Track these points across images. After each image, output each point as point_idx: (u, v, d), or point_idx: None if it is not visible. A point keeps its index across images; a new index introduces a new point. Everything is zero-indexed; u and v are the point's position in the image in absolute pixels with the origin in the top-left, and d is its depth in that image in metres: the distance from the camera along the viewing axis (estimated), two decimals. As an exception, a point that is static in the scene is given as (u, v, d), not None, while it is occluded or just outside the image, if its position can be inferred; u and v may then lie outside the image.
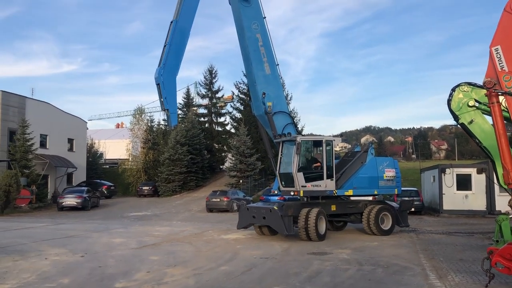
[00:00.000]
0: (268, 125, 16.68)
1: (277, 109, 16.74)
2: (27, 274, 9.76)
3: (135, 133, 49.86)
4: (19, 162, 31.74)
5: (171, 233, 17.64)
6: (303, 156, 15.87)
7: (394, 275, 9.51)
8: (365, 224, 16.21)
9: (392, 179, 16.86)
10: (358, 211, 16.52)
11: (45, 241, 15.20)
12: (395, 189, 17.14)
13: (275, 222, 14.78)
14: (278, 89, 17.25)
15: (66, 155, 41.28)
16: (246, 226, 16.47)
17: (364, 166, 16.42)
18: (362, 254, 12.29)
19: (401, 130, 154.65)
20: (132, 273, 9.85)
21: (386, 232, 16.16)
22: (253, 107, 17.50)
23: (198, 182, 43.65)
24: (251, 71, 16.91)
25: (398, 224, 16.84)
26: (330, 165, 15.75)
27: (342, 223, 17.96)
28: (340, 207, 16.41)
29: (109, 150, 60.55)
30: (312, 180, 15.46)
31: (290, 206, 14.78)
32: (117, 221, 23.79)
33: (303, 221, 14.51)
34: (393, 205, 17.13)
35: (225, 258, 11.73)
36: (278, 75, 17.43)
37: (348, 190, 16.08)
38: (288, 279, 9.14)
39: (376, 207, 16.19)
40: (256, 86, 16.70)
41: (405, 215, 17.25)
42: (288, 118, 17.28)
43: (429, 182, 29.51)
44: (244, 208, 16.42)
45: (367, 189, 16.46)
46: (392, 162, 17.33)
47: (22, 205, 28.91)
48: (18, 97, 36.00)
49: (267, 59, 16.96)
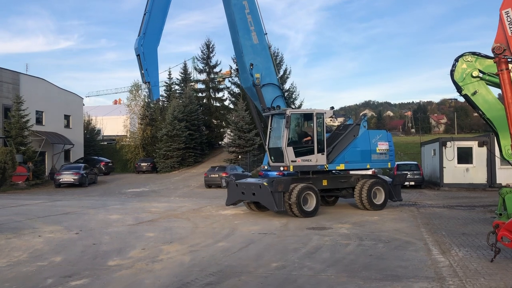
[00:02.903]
0: (257, 98, 16.00)
1: (266, 81, 16.06)
2: (19, 252, 9.51)
3: (132, 109, 49.33)
4: (15, 139, 31.32)
5: (169, 209, 17.40)
6: (293, 130, 15.25)
7: (396, 250, 9.26)
8: (357, 199, 15.81)
9: (385, 153, 16.36)
10: (350, 185, 16.08)
11: (40, 218, 14.95)
12: (388, 163, 16.63)
13: (265, 198, 14.29)
14: (267, 59, 16.42)
15: (63, 131, 40.81)
16: (235, 202, 16.03)
17: (356, 140, 15.86)
18: (362, 229, 12.06)
19: (400, 104, 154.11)
20: (126, 250, 9.60)
21: (378, 207, 15.80)
22: (240, 79, 16.87)
23: (196, 158, 43.36)
24: (237, 40, 16.06)
25: (391, 199, 16.46)
26: (321, 138, 15.20)
27: (334, 198, 17.56)
28: (331, 182, 15.95)
29: (106, 127, 60.08)
30: (303, 154, 14.94)
31: (280, 182, 14.24)
32: (115, 197, 23.57)
33: (287, 197, 14.07)
34: (386, 179, 16.74)
35: (223, 234, 11.49)
36: (267, 45, 16.60)
37: (339, 165, 15.54)
38: (287, 255, 8.88)
39: (368, 182, 15.77)
40: (243, 56, 15.92)
41: (398, 189, 16.83)
42: (277, 91, 16.58)
43: (429, 155, 29.24)
44: (233, 184, 15.81)
45: (359, 163, 15.95)
46: (385, 135, 16.74)
47: (18, 182, 28.65)
48: (11, 72, 35.29)
49: (255, 27, 16.10)
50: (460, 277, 7.11)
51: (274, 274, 7.47)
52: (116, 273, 7.64)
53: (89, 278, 7.26)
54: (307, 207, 14.36)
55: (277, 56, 45.61)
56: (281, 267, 7.93)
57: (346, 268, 7.84)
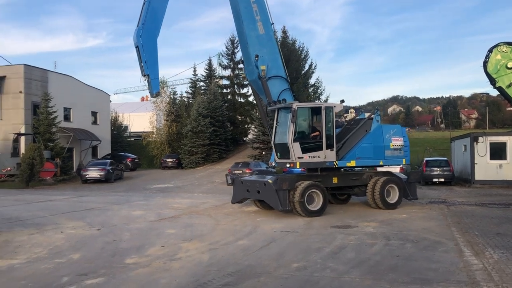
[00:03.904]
0: (263, 92, 15.23)
1: (272, 73, 15.22)
2: (39, 248, 9.48)
3: (158, 106, 49.62)
4: (43, 135, 31.85)
5: (192, 206, 17.26)
6: (300, 124, 14.51)
7: (425, 251, 8.77)
8: (369, 197, 15.01)
9: (400, 148, 15.47)
10: (362, 183, 15.26)
11: (64, 214, 15.04)
12: (403, 159, 15.72)
13: (270, 197, 13.65)
14: (273, 51, 15.55)
15: (91, 128, 41.40)
16: (241, 200, 15.60)
17: (369, 135, 15.05)
18: (389, 228, 11.57)
19: (429, 99, 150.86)
20: (145, 247, 9.44)
21: (392, 206, 14.96)
22: (246, 72, 15.98)
23: (221, 154, 43.30)
24: (242, 31, 15.26)
25: (406, 197, 15.64)
26: (330, 134, 14.41)
27: (346, 196, 16.72)
28: (342, 179, 15.12)
29: (133, 123, 60.79)
30: (310, 150, 14.20)
31: (284, 179, 13.64)
32: (139, 193, 23.64)
33: (292, 195, 13.45)
34: (401, 177, 15.96)
35: (244, 232, 11.22)
36: (274, 35, 15.76)
37: (350, 161, 14.78)
38: (309, 255, 8.53)
39: (381, 179, 14.97)
40: (248, 47, 15.10)
41: (413, 187, 16.00)
42: (284, 83, 15.65)
43: (459, 151, 28.23)
44: (238, 182, 15.34)
45: (371, 159, 15.12)
46: (400, 130, 15.85)
47: (46, 178, 29.10)
48: (40, 70, 35.91)
49: (261, 17, 15.24)
50: (495, 281, 6.61)
51: (295, 275, 7.14)
52: (133, 271, 7.46)
53: (105, 277, 7.10)
54: (313, 206, 13.64)
55: (302, 51, 45.09)
56: (303, 267, 7.59)
57: (371, 269, 7.44)
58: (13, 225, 12.76)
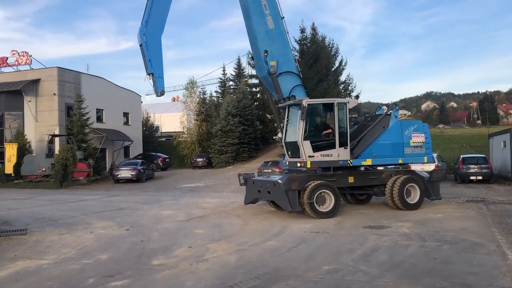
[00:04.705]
0: (274, 88, 14.68)
1: (283, 69, 14.61)
2: (68, 248, 9.51)
3: (188, 106, 49.97)
4: (76, 136, 32.52)
5: (221, 205, 17.13)
6: (311, 122, 13.97)
7: (464, 253, 8.28)
8: (388, 197, 14.26)
9: (421, 145, 14.63)
10: (382, 182, 14.53)
11: (95, 214, 15.17)
12: (424, 157, 14.83)
13: (279, 197, 13.18)
14: (284, 46, 14.91)
15: (122, 128, 42.07)
16: (253, 201, 15.23)
17: (386, 131, 14.31)
18: (425, 228, 11.06)
19: (464, 95, 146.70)
20: (173, 248, 9.32)
21: (412, 206, 14.17)
22: (256, 68, 15.50)
23: (251, 153, 43.16)
24: (251, 26, 14.73)
25: (428, 197, 14.83)
26: (344, 131, 13.75)
27: (366, 195, 16.00)
28: (359, 178, 14.44)
29: (164, 123, 61.52)
30: (322, 149, 13.64)
31: (293, 179, 13.06)
32: (169, 192, 23.74)
33: (302, 195, 12.96)
34: (423, 175, 15.11)
35: (273, 232, 10.96)
36: (284, 29, 14.99)
37: (366, 160, 14.09)
38: (340, 257, 8.19)
39: (401, 178, 14.20)
40: (257, 43, 14.54)
41: (436, 186, 15.14)
42: (296, 79, 14.97)
43: (498, 148, 27.06)
44: (250, 182, 14.97)
45: (390, 157, 14.38)
46: (421, 126, 15.00)
47: (80, 178, 29.67)
48: (73, 72, 36.71)
49: (270, 11, 14.62)
50: (543, 287, 6.12)
51: (325, 278, 6.82)
52: (159, 273, 7.32)
53: (130, 279, 6.98)
54: (325, 207, 13.07)
55: (332, 48, 44.45)
56: (333, 270, 7.26)
57: (406, 273, 7.04)
58: (45, 224, 12.93)
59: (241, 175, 15.91)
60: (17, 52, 36.45)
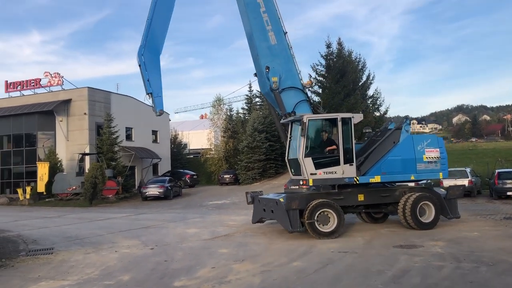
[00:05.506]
0: (277, 104, 14.33)
1: (286, 84, 14.28)
2: (92, 269, 9.44)
3: (215, 123, 50.32)
4: (106, 154, 33.06)
5: (246, 223, 16.85)
6: (313, 138, 13.48)
7: (504, 276, 7.75)
8: (400, 216, 13.53)
9: (436, 161, 13.84)
10: (395, 200, 13.82)
11: (121, 232, 15.18)
12: (439, 173, 14.05)
13: (281, 217, 12.80)
14: (287, 61, 14.55)
15: (151, 146, 42.60)
16: (260, 220, 14.86)
17: (397, 147, 13.65)
18: (460, 248, 10.49)
19: (497, 107, 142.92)
20: (196, 268, 9.12)
21: (426, 226, 13.36)
22: (259, 84, 15.21)
23: (277, 169, 42.85)
24: (252, 42, 14.52)
25: (445, 215, 14.00)
26: (349, 147, 13.16)
27: (382, 214, 15.20)
28: (370, 196, 13.80)
29: (192, 141, 62.05)
30: (325, 166, 13.06)
31: (294, 198, 12.66)
32: (196, 210, 23.67)
33: (304, 215, 12.48)
34: (439, 192, 14.31)
35: (299, 252, 10.62)
36: (287, 45, 14.67)
37: (374, 177, 13.46)
38: (369, 279, 7.80)
39: (413, 195, 13.46)
40: (259, 59, 14.28)
41: (454, 204, 14.28)
42: (300, 95, 14.54)
43: (536, 162, 25.90)
44: (257, 200, 14.61)
45: (400, 174, 13.64)
46: (435, 140, 14.23)
47: (109, 196, 30.05)
48: (103, 92, 37.57)
49: (272, 27, 14.38)
50: None
51: (353, 303, 6.47)
52: (180, 296, 7.12)
53: (150, 302, 6.80)
54: (327, 227, 12.49)
55: (359, 62, 44.14)
56: (362, 294, 6.90)
57: (440, 298, 6.61)
58: (72, 243, 12.99)
59: (248, 193, 15.71)
60: (49, 73, 37.61)
